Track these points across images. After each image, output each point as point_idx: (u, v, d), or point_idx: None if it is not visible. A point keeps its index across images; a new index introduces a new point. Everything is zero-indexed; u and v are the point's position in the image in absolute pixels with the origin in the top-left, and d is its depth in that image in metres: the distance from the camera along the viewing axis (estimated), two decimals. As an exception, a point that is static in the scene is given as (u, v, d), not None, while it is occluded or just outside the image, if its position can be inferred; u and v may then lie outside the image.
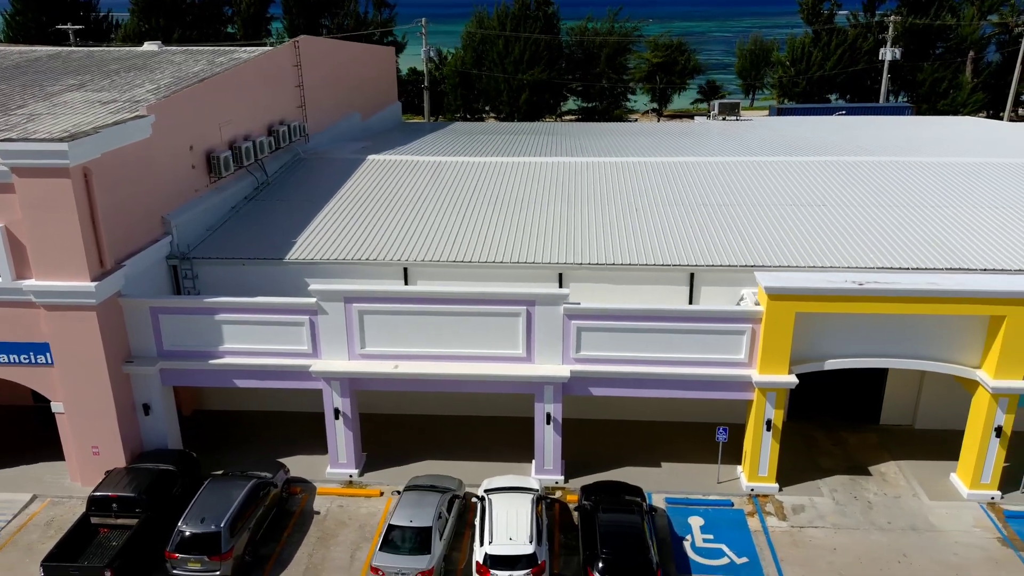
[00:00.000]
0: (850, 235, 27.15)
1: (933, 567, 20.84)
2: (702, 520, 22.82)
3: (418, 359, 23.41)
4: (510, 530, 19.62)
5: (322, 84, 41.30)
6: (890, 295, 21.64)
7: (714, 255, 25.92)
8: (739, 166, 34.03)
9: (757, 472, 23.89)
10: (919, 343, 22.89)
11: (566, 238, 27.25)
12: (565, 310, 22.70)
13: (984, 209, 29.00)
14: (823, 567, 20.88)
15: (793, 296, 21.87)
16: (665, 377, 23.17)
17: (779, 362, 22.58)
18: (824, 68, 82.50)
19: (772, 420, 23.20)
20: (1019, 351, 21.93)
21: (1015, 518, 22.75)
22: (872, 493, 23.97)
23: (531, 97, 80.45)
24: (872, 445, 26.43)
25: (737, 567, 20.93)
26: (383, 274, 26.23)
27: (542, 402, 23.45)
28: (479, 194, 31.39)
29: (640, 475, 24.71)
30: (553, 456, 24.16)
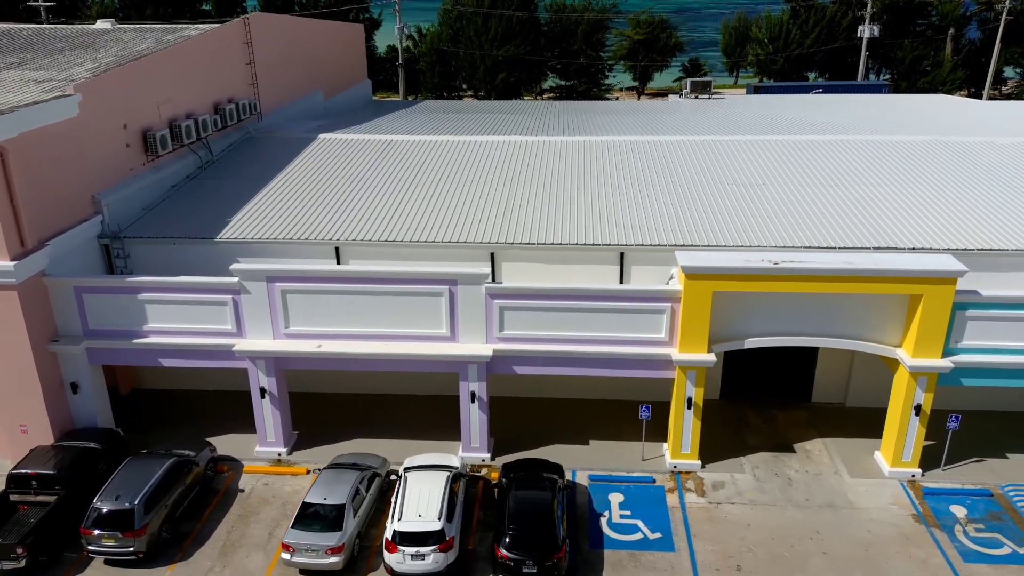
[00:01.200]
0: (784, 214, 27.17)
1: (844, 544, 21.09)
2: (622, 496, 23.04)
3: (343, 338, 23.48)
4: (420, 507, 19.81)
5: (278, 62, 40.97)
6: (805, 274, 21.69)
7: (644, 234, 25.94)
8: (681, 145, 33.92)
9: (680, 449, 24.09)
10: (840, 322, 23.00)
11: (501, 218, 27.24)
12: (487, 289, 22.75)
13: (924, 188, 29.01)
14: (734, 543, 21.13)
15: (710, 275, 21.92)
16: (587, 356, 23.29)
17: (698, 341, 22.68)
18: (802, 46, 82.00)
19: (693, 398, 23.35)
20: (936, 330, 22.04)
21: (933, 495, 22.99)
22: (794, 470, 24.20)
23: (507, 75, 79.91)
24: (801, 423, 26.64)
25: (650, 542, 21.17)
26: (315, 253, 26.23)
27: (466, 381, 23.57)
28: (422, 173, 31.32)
29: (568, 452, 24.94)
30: (479, 434, 24.32)
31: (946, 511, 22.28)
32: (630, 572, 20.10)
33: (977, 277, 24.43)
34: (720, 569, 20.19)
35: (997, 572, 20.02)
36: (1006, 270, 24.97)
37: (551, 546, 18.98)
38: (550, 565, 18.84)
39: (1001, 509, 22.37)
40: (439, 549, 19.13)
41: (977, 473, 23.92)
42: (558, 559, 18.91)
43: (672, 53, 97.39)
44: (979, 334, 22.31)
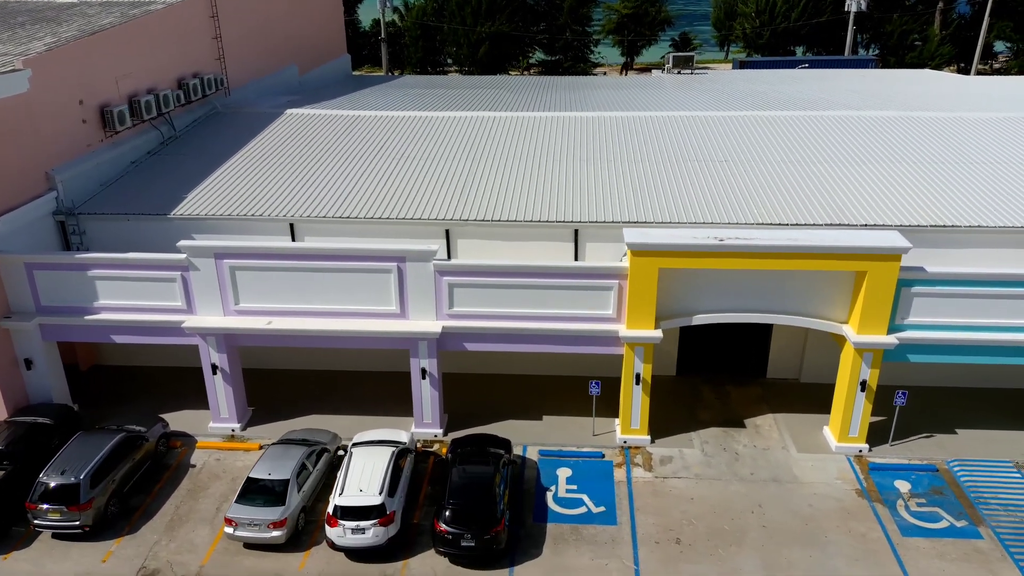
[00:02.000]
0: (741, 191, 27.13)
1: (785, 517, 21.35)
2: (570, 471, 23.26)
3: (293, 315, 23.55)
4: (362, 482, 20.00)
5: (248, 36, 40.62)
6: (749, 251, 21.71)
7: (598, 211, 25.93)
8: (644, 121, 33.77)
9: (630, 425, 24.27)
10: (788, 298, 23.06)
11: (457, 194, 27.19)
12: (435, 266, 22.78)
13: (885, 164, 28.92)
14: (676, 516, 21.38)
15: (655, 252, 21.93)
16: (537, 332, 23.38)
17: (645, 317, 22.76)
18: (789, 19, 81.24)
19: (641, 374, 23.47)
20: (881, 306, 22.12)
21: (878, 470, 23.22)
22: (742, 445, 24.42)
23: (491, 49, 79.19)
24: (754, 399, 26.82)
25: (593, 516, 21.42)
26: (270, 230, 26.22)
27: (417, 357, 23.68)
28: (384, 149, 31.21)
29: (521, 428, 25.14)
30: (432, 410, 24.48)
31: (890, 486, 22.52)
32: (571, 545, 20.36)
33: (932, 254, 24.68)
34: (660, 542, 20.46)
35: (934, 545, 20.29)
36: (960, 246, 25.03)
37: (490, 520, 19.19)
38: (488, 539, 19.06)
39: (944, 484, 22.60)
40: (379, 523, 19.35)
41: (925, 448, 24.13)
42: (496, 533, 19.13)
43: (661, 27, 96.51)
44: (925, 310, 22.40)
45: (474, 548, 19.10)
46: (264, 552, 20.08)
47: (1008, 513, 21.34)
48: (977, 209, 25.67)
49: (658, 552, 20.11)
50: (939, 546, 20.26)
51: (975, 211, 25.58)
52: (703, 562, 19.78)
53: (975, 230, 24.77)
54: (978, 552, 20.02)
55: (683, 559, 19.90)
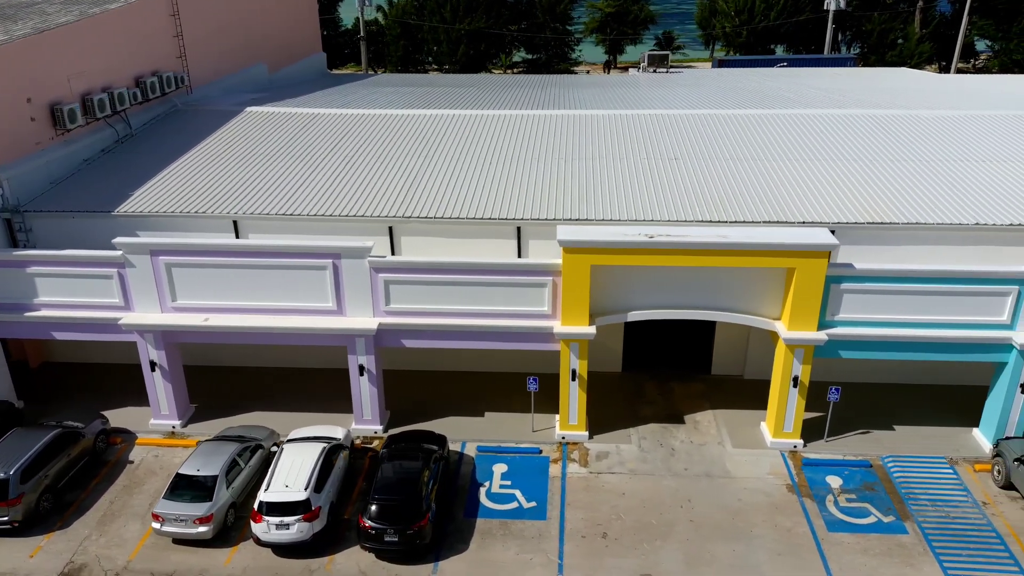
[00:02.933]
0: (685, 189, 27.24)
1: (713, 511, 21.50)
2: (506, 467, 23.39)
3: (230, 312, 23.64)
4: (289, 478, 20.13)
5: (213, 34, 40.67)
6: (679, 248, 21.83)
7: (540, 209, 26.04)
8: (597, 119, 33.87)
9: (568, 420, 24.41)
10: (722, 295, 23.20)
11: (402, 192, 27.29)
12: (370, 263, 22.89)
13: (831, 161, 29.05)
14: (605, 511, 21.52)
15: (587, 249, 22.06)
16: (474, 329, 23.49)
17: (579, 314, 22.88)
18: (768, 18, 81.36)
19: (577, 370, 23.61)
20: (810, 303, 22.26)
21: (811, 466, 23.37)
22: (679, 441, 24.56)
23: (470, 47, 79.25)
24: (696, 395, 26.97)
25: (524, 511, 21.55)
26: (214, 227, 26.30)
27: (355, 354, 23.79)
28: (337, 147, 31.31)
29: (463, 424, 25.29)
30: (371, 406, 24.60)
31: (822, 481, 22.68)
32: (498, 540, 20.50)
33: (871, 251, 24.91)
34: (586, 536, 20.60)
35: (858, 540, 20.44)
36: (900, 243, 25.16)
37: (413, 515, 19.30)
38: (411, 534, 19.18)
39: (877, 480, 22.76)
40: (304, 519, 19.47)
41: (861, 444, 24.29)
42: (419, 528, 19.25)
43: (644, 26, 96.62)
44: (855, 307, 22.54)
45: (397, 543, 19.22)
46: (191, 547, 20.20)
47: (936, 508, 21.50)
48: (921, 206, 25.79)
49: (584, 546, 20.25)
50: (864, 541, 20.41)
51: (919, 208, 25.69)
52: (627, 556, 19.93)
53: (914, 227, 24.92)
54: (901, 547, 20.18)
55: (607, 553, 20.04)
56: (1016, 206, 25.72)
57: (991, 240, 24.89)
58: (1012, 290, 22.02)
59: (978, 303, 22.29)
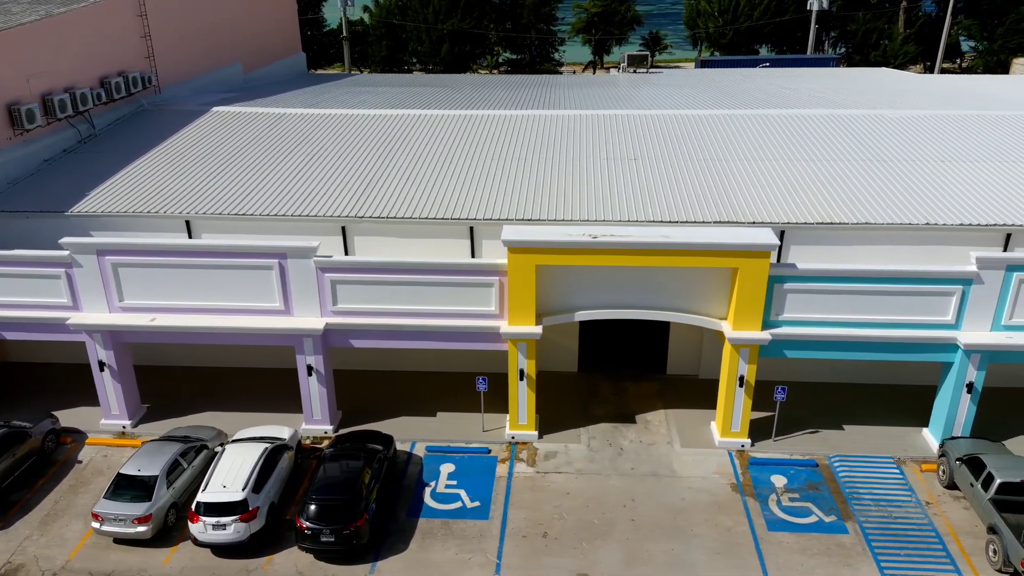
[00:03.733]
0: (639, 189, 27.28)
1: (656, 511, 21.52)
2: (453, 467, 23.41)
3: (178, 312, 23.64)
4: (228, 478, 20.13)
5: (185, 34, 40.72)
6: (622, 248, 21.85)
7: (493, 209, 26.06)
8: (548, 119, 33.93)
9: (518, 420, 24.42)
10: (669, 295, 23.22)
11: (356, 192, 27.30)
12: (316, 263, 22.90)
13: (788, 162, 29.10)
14: (548, 510, 21.54)
15: (532, 249, 22.06)
16: (422, 329, 23.50)
17: (526, 313, 22.89)
18: (752, 18, 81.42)
19: (524, 370, 23.62)
20: (754, 302, 22.28)
21: (757, 465, 23.40)
22: (628, 440, 24.58)
23: (453, 47, 79.24)
24: (650, 394, 27.00)
25: (467, 511, 21.56)
26: (167, 227, 26.34)
27: (303, 354, 23.80)
28: (299, 146, 31.37)
29: (414, 424, 25.31)
30: (321, 407, 24.60)
31: (766, 481, 22.71)
32: (439, 540, 20.51)
33: (821, 251, 24.98)
34: (527, 536, 20.62)
35: (798, 540, 20.47)
36: (850, 244, 25.21)
37: (349, 516, 19.30)
38: (347, 534, 19.18)
39: (822, 479, 22.79)
40: (240, 519, 19.47)
41: (809, 444, 24.33)
42: (355, 528, 19.25)
43: (630, 26, 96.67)
44: (799, 306, 22.57)
45: (334, 543, 19.22)
46: (131, 547, 20.19)
47: (879, 508, 21.53)
48: (874, 206, 25.82)
49: (523, 546, 20.27)
50: (803, 540, 20.44)
51: (873, 208, 25.71)
52: (565, 555, 19.95)
53: (864, 227, 24.96)
54: (840, 547, 20.20)
55: (546, 552, 20.05)
56: (968, 206, 25.77)
57: (942, 240, 24.93)
58: (956, 290, 22.07)
59: (923, 303, 22.33)
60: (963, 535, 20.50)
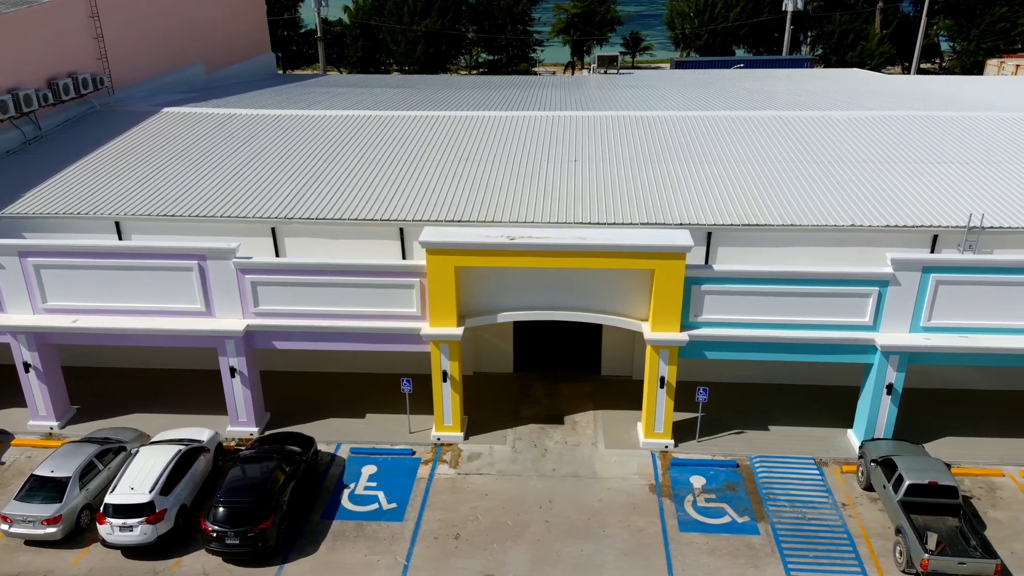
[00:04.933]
0: (564, 190, 27.22)
1: (571, 512, 21.52)
2: (375, 468, 23.41)
3: (101, 313, 23.63)
4: (136, 480, 20.11)
5: (141, 34, 40.66)
6: (539, 249, 21.87)
7: (424, 210, 26.06)
8: (486, 120, 33.95)
9: (443, 422, 24.43)
10: (591, 296, 23.25)
11: (290, 192, 27.29)
12: (236, 264, 22.90)
13: (725, 164, 29.09)
14: (464, 511, 21.55)
15: (450, 250, 22.08)
16: (345, 330, 23.51)
17: (447, 315, 22.91)
18: (728, 19, 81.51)
19: (448, 371, 23.63)
20: (672, 304, 22.32)
21: (679, 466, 23.43)
22: (554, 441, 24.60)
23: (428, 48, 79.25)
24: (583, 395, 27.03)
25: (383, 512, 21.56)
26: (97, 228, 26.29)
27: (225, 355, 23.79)
28: (242, 147, 31.38)
29: (342, 426, 25.32)
30: (246, 408, 24.60)
31: (685, 482, 22.73)
32: (350, 542, 20.50)
33: (748, 252, 25.01)
34: (439, 537, 20.61)
35: (708, 540, 20.49)
36: (777, 245, 25.22)
37: (254, 518, 19.28)
38: (252, 536, 19.15)
39: (741, 480, 22.83)
40: (147, 521, 19.45)
41: (733, 444, 24.36)
42: (260, 531, 19.22)
43: (610, 27, 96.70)
44: (717, 308, 22.61)
45: (239, 545, 19.21)
46: (41, 548, 20.16)
47: (794, 509, 21.57)
48: (802, 207, 25.83)
49: (434, 547, 20.28)
50: (713, 541, 20.46)
51: (802, 209, 25.72)
52: (475, 556, 19.95)
53: (790, 228, 24.98)
54: (750, 547, 20.23)
55: (456, 554, 20.06)
56: (897, 208, 25.79)
57: (869, 241, 24.96)
58: (872, 292, 22.11)
59: (840, 304, 22.38)
60: (874, 537, 20.54)
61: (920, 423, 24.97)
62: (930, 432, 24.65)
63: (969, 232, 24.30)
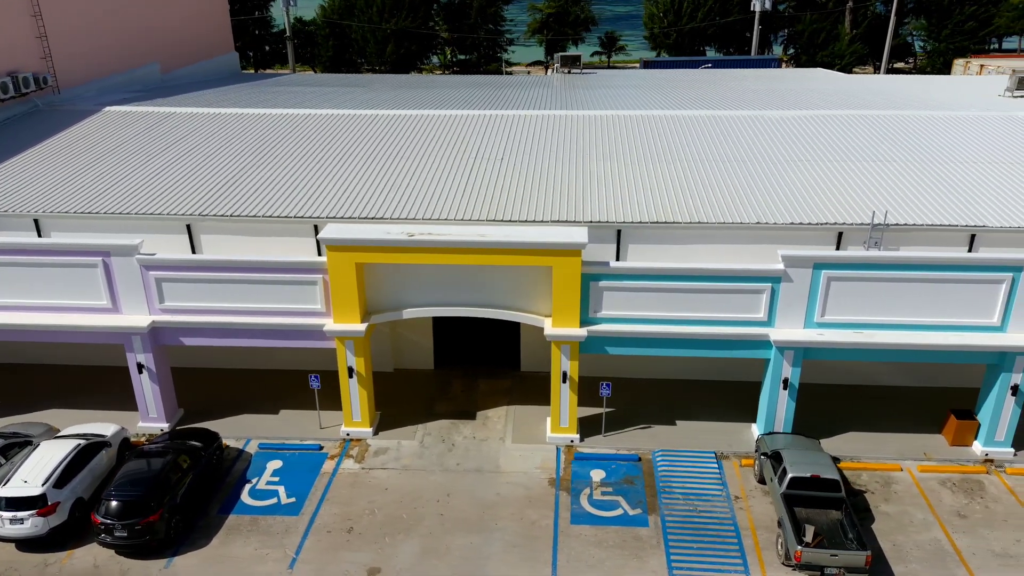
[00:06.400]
0: (488, 188, 27.43)
1: (467, 505, 21.76)
2: (281, 463, 23.63)
3: (11, 310, 23.79)
4: (31, 474, 20.30)
5: (91, 34, 40.79)
6: (439, 246, 22.11)
7: (339, 207, 26.25)
8: (408, 120, 34.17)
9: (352, 418, 24.66)
10: (496, 293, 23.50)
11: (209, 190, 27.46)
12: (139, 261, 23.10)
13: (634, 163, 29.22)
14: (361, 506, 21.77)
15: (349, 247, 22.32)
16: (251, 327, 23.71)
17: (350, 311, 23.13)
18: (696, 19, 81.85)
19: (355, 367, 23.86)
20: (570, 300, 22.56)
21: (581, 460, 23.69)
22: (463, 436, 24.84)
23: (397, 47, 79.47)
24: (500, 391, 27.27)
25: (281, 507, 21.76)
26: (16, 226, 26.43)
27: (132, 352, 23.99)
28: (172, 145, 31.58)
29: (256, 421, 25.54)
30: (156, 404, 24.79)
31: (586, 475, 22.98)
32: (243, 536, 20.71)
33: (657, 250, 25.25)
34: (332, 531, 20.83)
35: (597, 532, 20.73)
36: (686, 242, 25.42)
37: (142, 511, 19.48)
38: (139, 529, 19.35)
39: (640, 473, 23.09)
40: (39, 514, 19.64)
41: (639, 439, 24.61)
42: (148, 523, 19.41)
43: (584, 27, 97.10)
44: (617, 304, 22.85)
45: (127, 538, 19.42)
46: (-66, 543, 20.40)
47: (687, 501, 21.84)
48: (713, 206, 26.04)
49: (325, 541, 20.50)
50: (602, 533, 20.71)
51: (713, 207, 25.88)
52: (364, 550, 20.17)
53: (697, 226, 25.22)
54: (637, 539, 20.48)
55: (346, 547, 20.28)
56: (804, 205, 25.99)
57: (775, 239, 25.11)
58: (765, 288, 22.38)
59: (736, 300, 22.65)
60: (761, 529, 20.81)
61: (827, 418, 25.28)
62: (836, 427, 24.97)
63: (873, 229, 24.57)
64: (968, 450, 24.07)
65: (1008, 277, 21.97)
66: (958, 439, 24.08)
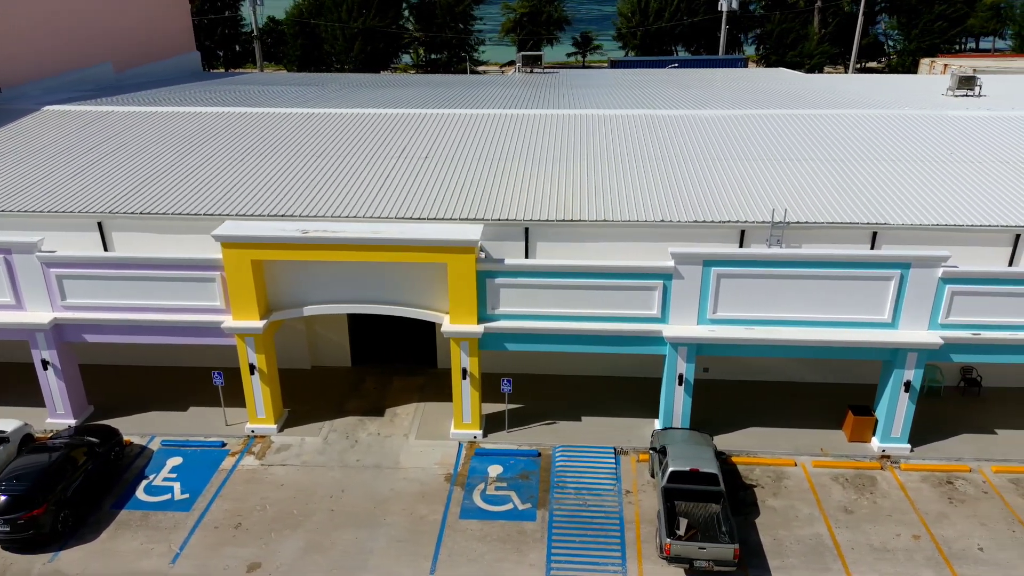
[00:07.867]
0: (406, 185, 27.50)
1: (360, 501, 21.92)
2: (181, 460, 23.76)
3: (-88, 307, 23.98)
4: (-83, 469, 20.48)
5: (37, 33, 40.77)
6: (333, 243, 22.29)
7: (247, 205, 26.33)
8: (356, 119, 34.26)
9: (256, 414, 24.80)
10: (396, 289, 23.66)
11: (122, 187, 27.53)
12: (39, 258, 23.23)
13: (546, 162, 29.27)
14: (254, 502, 21.92)
15: (244, 244, 22.48)
16: (153, 324, 23.85)
17: (248, 308, 23.28)
18: (663, 19, 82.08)
19: (256, 364, 24.00)
20: (466, 296, 22.74)
21: (481, 455, 23.87)
22: (368, 433, 25.00)
23: (365, 46, 79.54)
24: (413, 388, 27.45)
25: (173, 503, 21.92)
26: (-66, 224, 26.61)
27: (36, 348, 24.11)
28: (99, 144, 31.57)
29: (163, 418, 25.70)
30: (62, 401, 24.92)
31: (483, 470, 23.16)
32: (131, 531, 20.85)
33: (565, 248, 25.40)
34: (219, 527, 20.98)
35: (482, 527, 20.90)
36: (593, 240, 25.52)
37: (25, 506, 19.62)
38: (22, 524, 19.48)
39: (536, 469, 23.27)
40: (-69, 507, 19.80)
41: (543, 435, 24.79)
42: (32, 517, 19.54)
43: (558, 26, 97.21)
44: (514, 301, 23.01)
45: (9, 532, 19.54)
46: None
47: (578, 496, 22.02)
48: (621, 204, 26.19)
49: (212, 536, 20.64)
50: (488, 528, 20.89)
51: (620, 206, 26.00)
52: (249, 545, 20.32)
53: (603, 224, 25.35)
54: (521, 533, 20.66)
55: (232, 543, 20.42)
56: (709, 204, 26.06)
57: (680, 237, 25.23)
58: (657, 285, 22.58)
59: (630, 297, 22.84)
60: (645, 523, 21.02)
61: (732, 414, 25.50)
62: (738, 422, 25.18)
63: (773, 227, 24.77)
64: (866, 446, 24.31)
65: (897, 274, 22.20)
66: (856, 435, 24.31)
